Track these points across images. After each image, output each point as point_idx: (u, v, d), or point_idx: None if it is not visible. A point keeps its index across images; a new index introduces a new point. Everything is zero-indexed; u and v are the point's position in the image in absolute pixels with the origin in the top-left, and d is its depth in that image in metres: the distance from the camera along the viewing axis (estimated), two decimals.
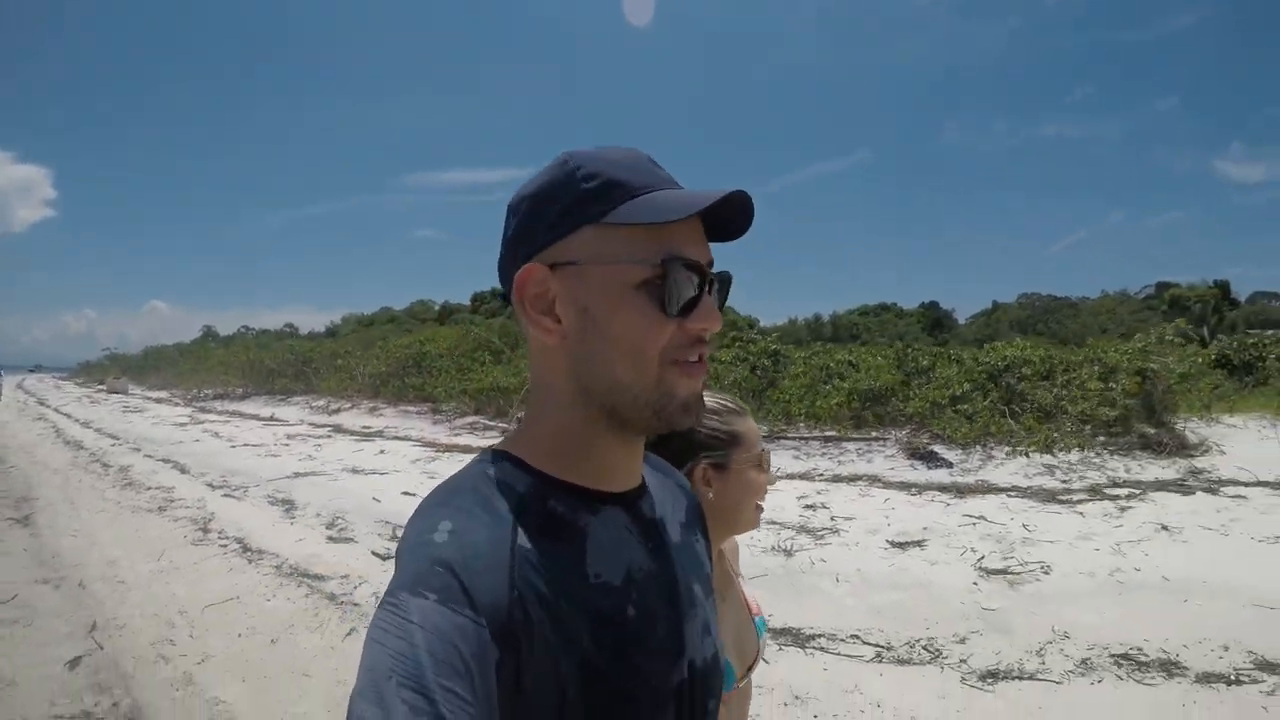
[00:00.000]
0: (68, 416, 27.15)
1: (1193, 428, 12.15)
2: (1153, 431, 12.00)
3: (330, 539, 8.31)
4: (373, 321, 63.22)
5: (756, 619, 1.66)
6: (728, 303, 0.93)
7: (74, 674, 4.83)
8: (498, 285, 0.90)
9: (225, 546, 8.09)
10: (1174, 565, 6.64)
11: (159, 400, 34.65)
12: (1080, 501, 9.20)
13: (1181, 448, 11.36)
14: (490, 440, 16.00)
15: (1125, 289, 57.70)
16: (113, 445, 17.68)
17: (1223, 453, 11.01)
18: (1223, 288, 41.92)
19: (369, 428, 19.43)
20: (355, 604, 6.15)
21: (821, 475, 11.38)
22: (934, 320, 56.26)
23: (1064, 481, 10.28)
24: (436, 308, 73.76)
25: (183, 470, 13.56)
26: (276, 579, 6.89)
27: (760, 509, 1.55)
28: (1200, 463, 10.68)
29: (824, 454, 12.81)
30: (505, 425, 17.63)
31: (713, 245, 0.88)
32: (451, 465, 12.90)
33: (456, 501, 0.79)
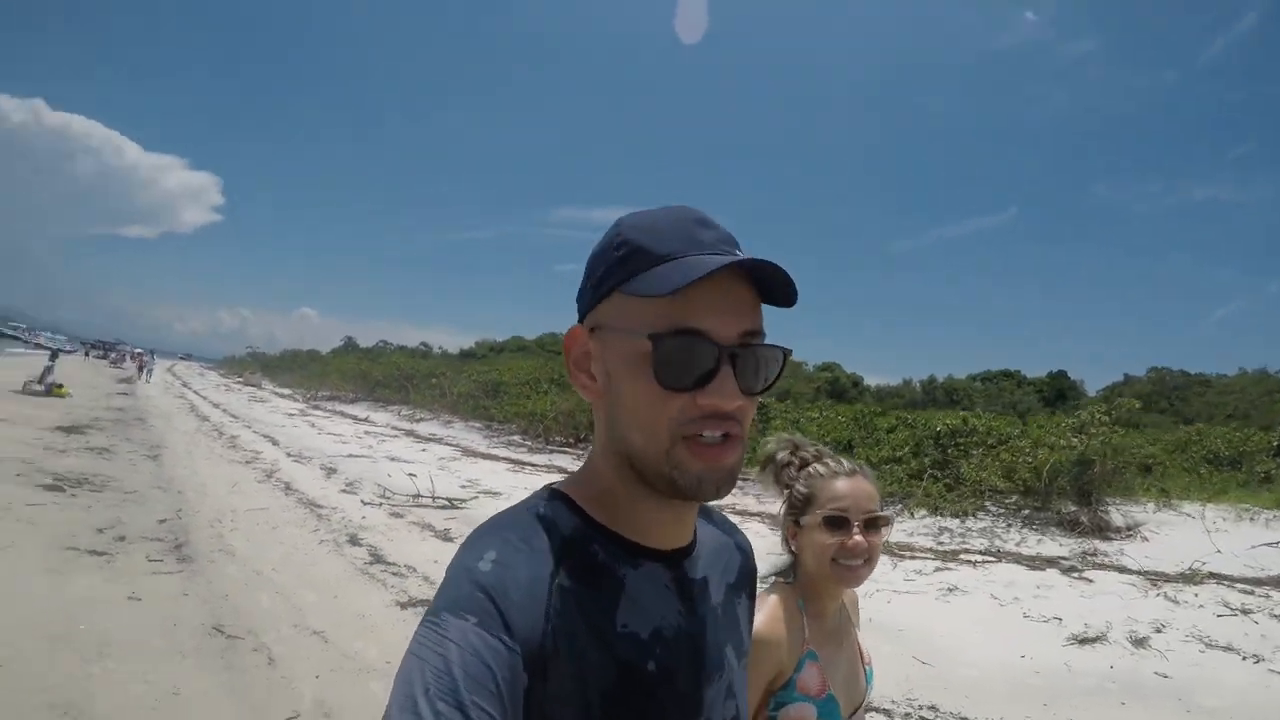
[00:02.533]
0: (203, 398, 32.76)
1: (1131, 511, 12.08)
2: (1073, 509, 12.05)
3: (342, 491, 12.08)
4: (503, 349, 64.88)
5: (867, 668, 1.72)
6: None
7: (160, 526, 8.46)
8: None
9: (276, 486, 11.93)
10: (912, 617, 7.33)
11: (282, 395, 40.07)
12: (930, 558, 9.88)
13: (1100, 529, 11.31)
14: (514, 452, 19.65)
15: (1265, 367, 52.70)
16: (231, 421, 22.43)
17: (1145, 539, 10.89)
18: None
19: (434, 435, 23.35)
20: (329, 521, 9.74)
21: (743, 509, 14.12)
22: (1058, 391, 54.20)
23: (941, 543, 11.11)
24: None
25: (274, 443, 17.95)
26: (295, 504, 10.63)
27: (843, 569, 1.58)
28: (1112, 546, 10.60)
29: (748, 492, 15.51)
30: (533, 444, 21.19)
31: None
32: (466, 464, 16.67)
33: (505, 534, 0.82)
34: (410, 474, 13.59)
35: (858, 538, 1.57)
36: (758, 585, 1.13)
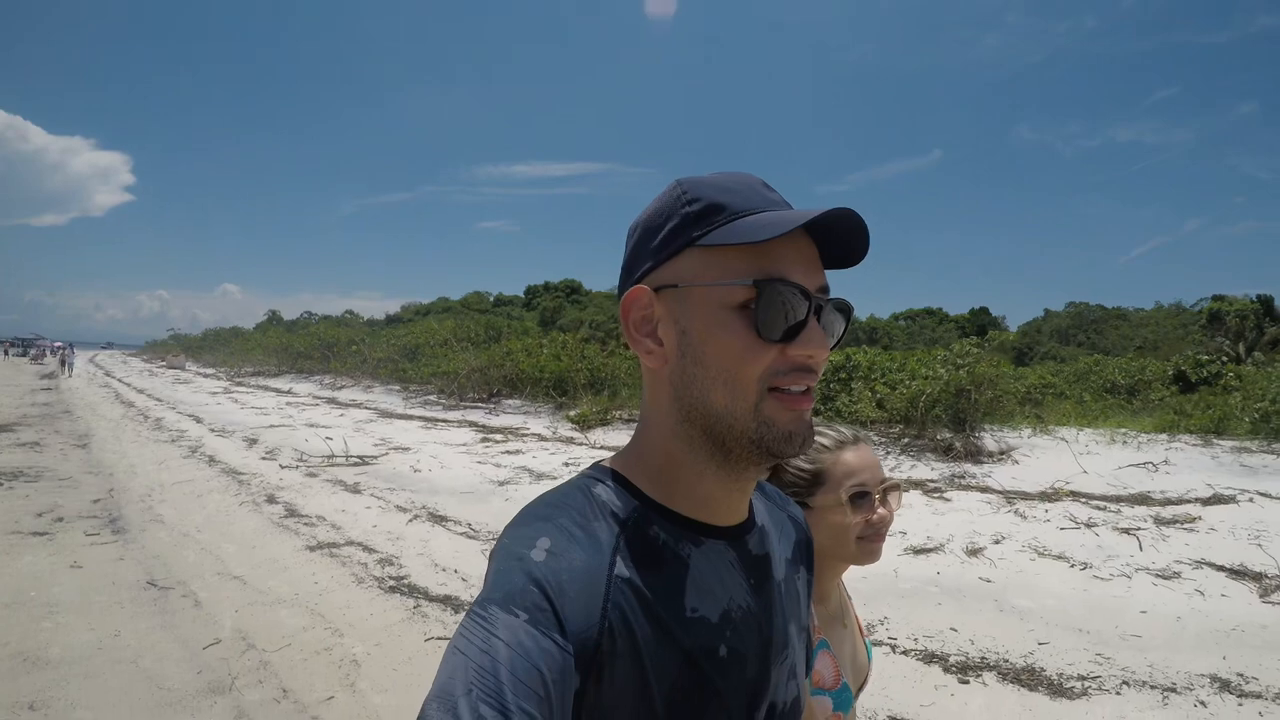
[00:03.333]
0: (127, 385, 32.68)
1: (1006, 438, 12.80)
2: (947, 436, 12.65)
3: (261, 458, 12.90)
4: (429, 310, 63.81)
5: (866, 641, 1.65)
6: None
7: (95, 505, 9.24)
8: (551, 279, 1.43)
9: (200, 460, 12.69)
10: None
11: (207, 375, 39.95)
12: None
13: (973, 454, 11.90)
14: (429, 411, 20.54)
15: (1180, 301, 53.16)
16: (155, 405, 22.81)
17: (1015, 463, 11.47)
18: (1265, 302, 39.62)
19: (354, 400, 24.04)
20: (249, 485, 10.62)
21: None
22: (979, 326, 52.77)
23: None
24: (491, 299, 71.85)
25: (198, 420, 18.52)
26: (217, 473, 11.46)
27: (868, 544, 1.48)
28: (982, 469, 11.15)
29: None
30: (447, 402, 22.09)
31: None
32: (381, 425, 17.57)
33: (558, 518, 0.78)
34: (327, 438, 14.48)
35: (882, 510, 1.48)
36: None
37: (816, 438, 1.40)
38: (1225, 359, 15.61)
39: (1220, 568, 6.67)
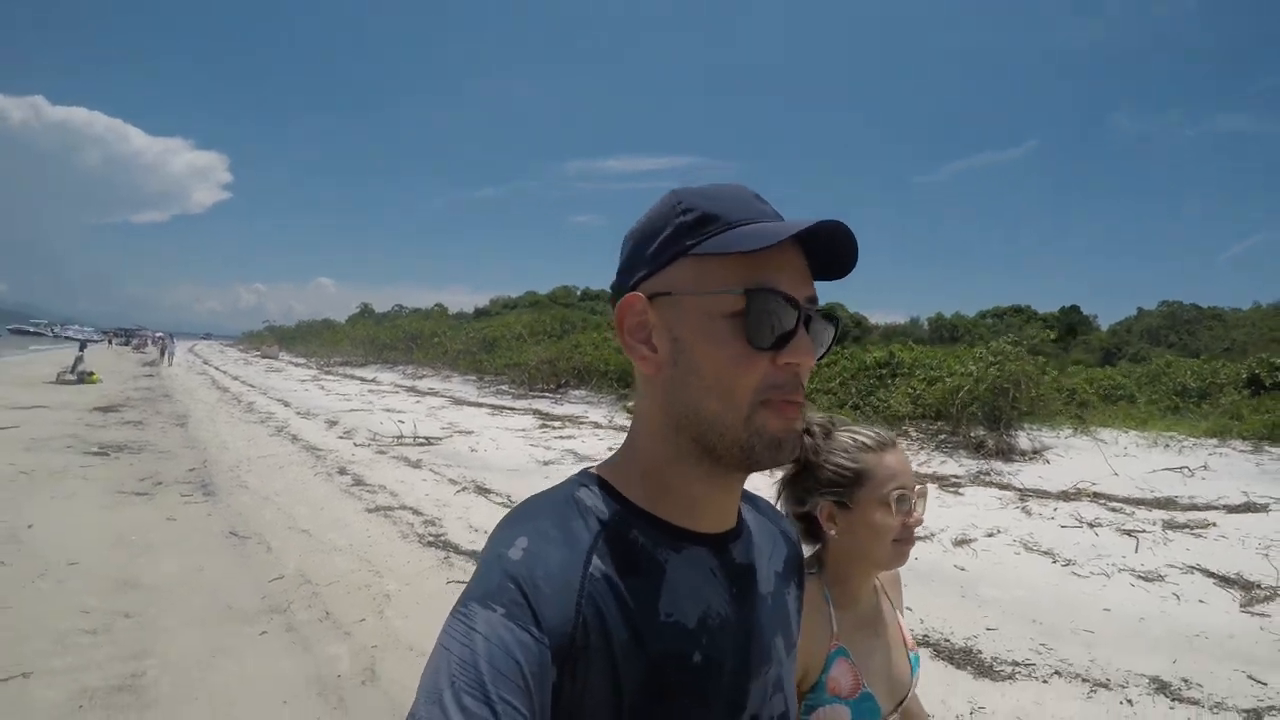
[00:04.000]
0: (223, 372, 34.87)
1: (1043, 437, 12.87)
2: (981, 434, 12.69)
3: (339, 437, 14.09)
4: (516, 304, 63.08)
5: (911, 654, 1.59)
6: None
7: (190, 473, 10.37)
8: None
9: (285, 438, 13.91)
10: None
11: (298, 365, 42.20)
12: None
13: (1004, 453, 11.98)
14: (499, 399, 21.60)
15: None
16: (248, 391, 24.50)
17: (1047, 462, 11.55)
18: None
19: (432, 389, 25.34)
20: (325, 459, 11.70)
21: None
22: (1069, 325, 51.75)
23: None
24: (578, 292, 71.11)
25: (286, 404, 19.99)
26: (298, 449, 12.61)
27: (901, 546, 1.47)
28: (1012, 467, 11.32)
29: None
30: (516, 391, 23.13)
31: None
32: (452, 411, 18.65)
33: (538, 520, 0.79)
34: (399, 421, 15.59)
35: (917, 513, 1.48)
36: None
37: (857, 436, 1.50)
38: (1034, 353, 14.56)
39: (1212, 574, 6.70)
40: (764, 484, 1.39)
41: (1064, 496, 9.50)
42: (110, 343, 76.01)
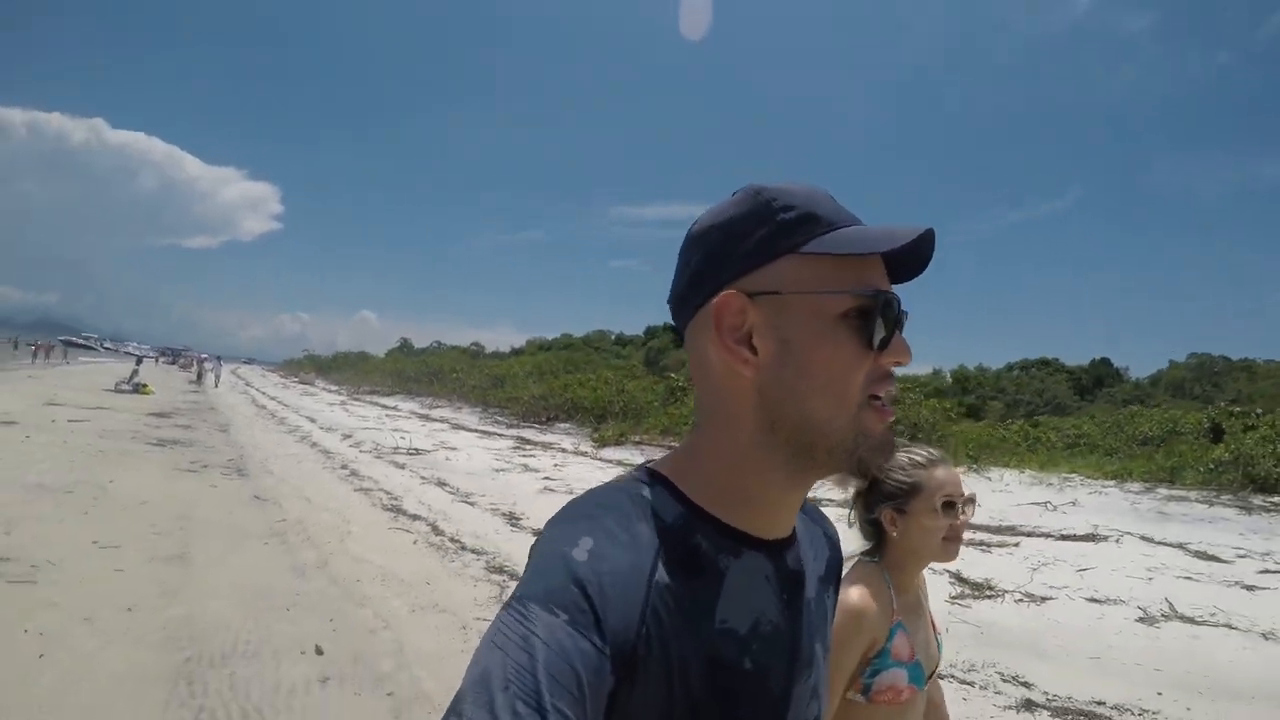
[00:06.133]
0: (262, 393, 38.13)
1: None
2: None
3: (349, 446, 16.93)
4: (552, 346, 64.81)
5: (938, 636, 1.81)
6: None
7: (228, 462, 13.03)
8: (671, 321, 0.85)
9: (306, 444, 16.73)
10: None
11: (330, 391, 45.24)
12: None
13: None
14: (491, 428, 24.29)
15: None
16: (282, 409, 27.52)
17: None
18: None
19: (442, 416, 28.11)
20: (334, 459, 14.44)
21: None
22: (1096, 378, 51.54)
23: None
24: (612, 337, 72.08)
25: (312, 421, 22.96)
26: (315, 452, 15.42)
27: (949, 544, 1.69)
28: None
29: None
30: (509, 421, 25.84)
31: None
32: (449, 434, 21.36)
33: (602, 519, 0.74)
34: (400, 436, 18.36)
35: (964, 517, 1.70)
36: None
37: (912, 455, 1.73)
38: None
39: (961, 579, 7.66)
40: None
41: None
42: (157, 361, 79.17)
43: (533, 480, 13.58)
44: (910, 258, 0.79)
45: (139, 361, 29.91)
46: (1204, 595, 7.43)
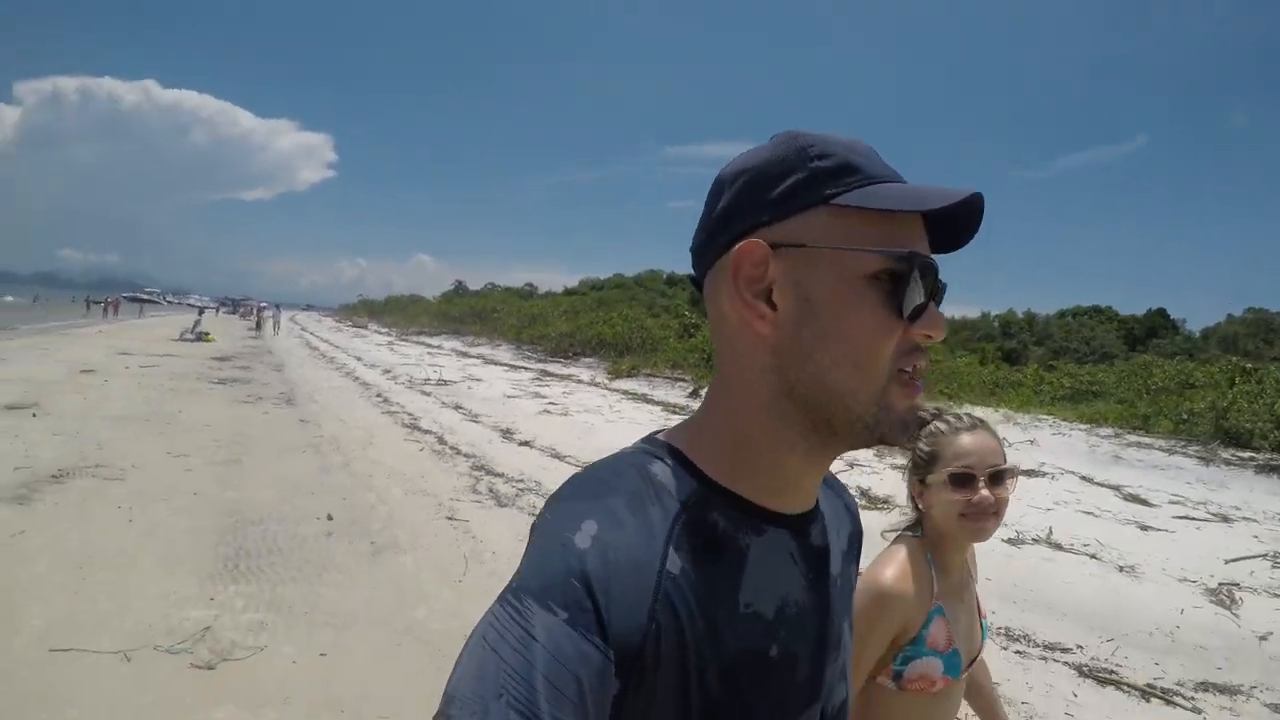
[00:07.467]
0: (316, 336, 40.56)
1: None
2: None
3: (387, 379, 18.74)
4: (604, 286, 64.09)
5: (983, 620, 1.67)
6: None
7: (280, 394, 14.74)
8: None
9: (349, 378, 18.60)
10: None
11: (381, 333, 47.55)
12: None
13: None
14: (521, 362, 25.98)
15: None
16: (333, 350, 29.58)
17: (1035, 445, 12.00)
18: None
19: (480, 354, 29.89)
20: (371, 389, 16.24)
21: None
22: (1149, 329, 49.49)
23: None
24: (665, 276, 69.25)
25: (359, 359, 24.92)
26: (356, 384, 17.28)
27: (967, 522, 1.51)
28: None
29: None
30: (539, 356, 27.54)
31: None
32: (480, 368, 23.09)
33: (608, 498, 0.66)
34: (433, 369, 20.14)
35: (984, 493, 1.49)
36: (886, 540, 1.02)
37: (938, 423, 1.57)
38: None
39: (869, 496, 8.10)
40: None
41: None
42: (218, 311, 78.53)
43: (536, 405, 15.11)
44: (954, 224, 0.70)
45: (201, 312, 32.03)
46: (1093, 530, 7.62)
